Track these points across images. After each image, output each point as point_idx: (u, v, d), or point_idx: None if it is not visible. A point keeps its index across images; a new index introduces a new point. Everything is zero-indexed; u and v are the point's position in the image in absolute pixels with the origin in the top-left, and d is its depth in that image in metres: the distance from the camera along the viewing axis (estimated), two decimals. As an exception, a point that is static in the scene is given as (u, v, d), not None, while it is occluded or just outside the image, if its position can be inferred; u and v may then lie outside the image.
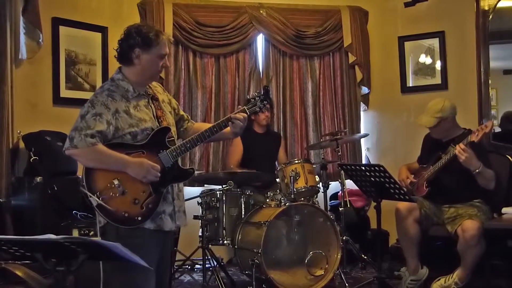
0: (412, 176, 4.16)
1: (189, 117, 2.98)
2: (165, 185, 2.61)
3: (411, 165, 4.30)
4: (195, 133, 2.75)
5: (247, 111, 2.78)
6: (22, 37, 4.42)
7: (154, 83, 2.83)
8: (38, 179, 4.09)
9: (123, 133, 2.55)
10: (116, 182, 2.52)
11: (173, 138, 2.68)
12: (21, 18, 4.39)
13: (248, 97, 2.98)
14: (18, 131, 4.32)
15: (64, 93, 4.80)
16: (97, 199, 2.50)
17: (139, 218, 2.53)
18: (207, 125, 2.83)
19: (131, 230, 2.53)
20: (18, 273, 2.93)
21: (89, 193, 2.52)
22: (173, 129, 2.75)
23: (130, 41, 2.59)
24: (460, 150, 3.69)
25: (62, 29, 4.79)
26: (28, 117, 4.51)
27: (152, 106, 2.68)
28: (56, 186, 4.04)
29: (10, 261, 2.97)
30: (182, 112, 2.93)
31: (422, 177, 4.06)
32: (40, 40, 4.53)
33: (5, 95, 4.20)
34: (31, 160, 4.14)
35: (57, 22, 4.76)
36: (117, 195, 2.52)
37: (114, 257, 1.99)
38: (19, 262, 2.96)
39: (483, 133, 3.66)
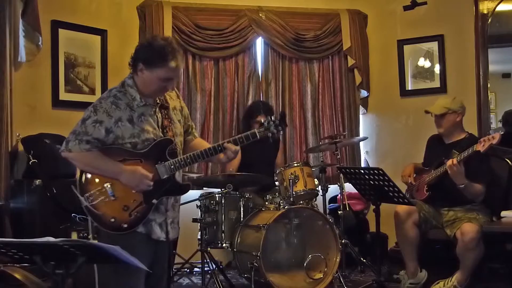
0: (415, 176, 4.15)
1: (194, 129, 2.89)
2: (158, 196, 2.56)
3: (418, 165, 4.28)
4: (191, 149, 2.71)
5: (258, 135, 2.65)
6: (22, 40, 4.42)
7: None
8: (37, 182, 4.09)
9: (123, 141, 2.53)
10: (107, 186, 2.51)
11: (175, 150, 2.62)
12: (21, 20, 4.39)
13: (262, 120, 2.79)
14: (17, 134, 4.32)
15: (63, 96, 4.80)
16: (85, 201, 2.50)
17: (125, 226, 2.51)
18: (204, 144, 2.79)
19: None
20: (17, 276, 2.92)
21: (78, 194, 2.52)
22: (180, 139, 2.70)
23: (138, 53, 2.55)
24: (450, 165, 3.71)
25: (62, 32, 4.79)
26: (27, 119, 4.50)
27: (159, 115, 2.63)
28: (55, 189, 4.03)
29: (9, 264, 2.96)
30: (190, 123, 2.86)
31: (423, 180, 4.05)
32: (40, 43, 4.52)
33: (4, 98, 4.19)
34: (30, 163, 4.14)
35: (56, 25, 4.76)
36: (107, 199, 2.51)
37: (112, 260, 1.99)
38: (18, 265, 2.96)
39: (490, 144, 3.64)
